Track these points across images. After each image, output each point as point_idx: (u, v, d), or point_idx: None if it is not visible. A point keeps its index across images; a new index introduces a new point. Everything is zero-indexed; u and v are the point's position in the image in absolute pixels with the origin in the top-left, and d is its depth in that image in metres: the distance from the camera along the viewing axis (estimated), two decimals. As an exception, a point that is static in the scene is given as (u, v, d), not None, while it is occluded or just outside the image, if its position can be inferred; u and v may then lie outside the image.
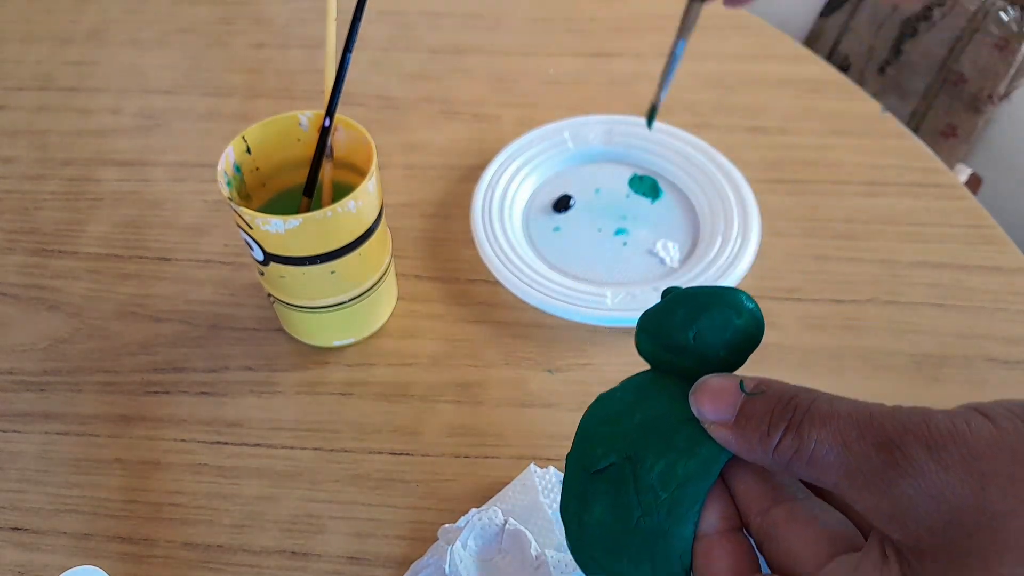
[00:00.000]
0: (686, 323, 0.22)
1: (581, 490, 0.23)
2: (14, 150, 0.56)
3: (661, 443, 0.22)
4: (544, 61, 0.62)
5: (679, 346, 0.22)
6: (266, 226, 0.35)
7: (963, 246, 0.48)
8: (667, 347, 0.23)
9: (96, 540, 0.37)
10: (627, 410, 0.23)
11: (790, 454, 0.18)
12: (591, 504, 0.23)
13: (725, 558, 0.19)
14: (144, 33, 0.66)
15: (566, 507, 0.24)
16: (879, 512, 0.16)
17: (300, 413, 0.41)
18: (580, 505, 0.23)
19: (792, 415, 0.18)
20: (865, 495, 0.16)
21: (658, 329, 0.23)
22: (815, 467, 0.17)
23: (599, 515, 0.22)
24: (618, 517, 0.22)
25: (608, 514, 0.22)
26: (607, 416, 0.24)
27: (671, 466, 0.21)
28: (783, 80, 0.59)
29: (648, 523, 0.21)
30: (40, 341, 0.45)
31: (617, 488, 0.22)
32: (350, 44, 0.37)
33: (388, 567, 0.36)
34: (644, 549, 0.21)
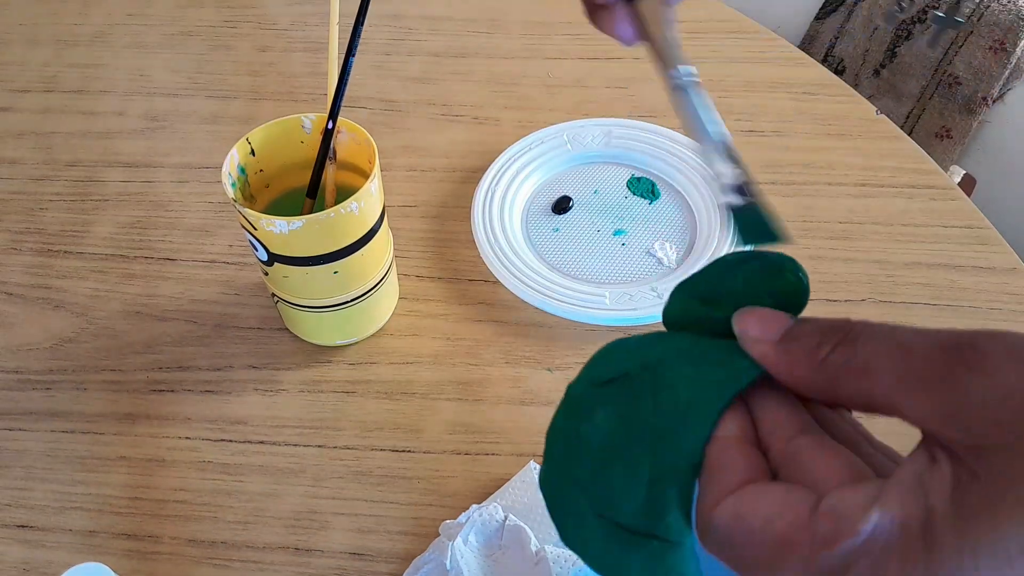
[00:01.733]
0: (737, 265, 0.21)
1: (582, 404, 0.22)
2: (20, 152, 0.57)
3: (690, 355, 0.20)
4: (544, 64, 0.62)
5: (723, 292, 0.21)
6: (270, 227, 0.36)
7: (957, 247, 0.48)
8: (707, 297, 0.21)
9: (101, 537, 0.37)
10: (650, 340, 0.22)
11: (839, 364, 0.17)
12: (594, 412, 0.21)
13: (740, 460, 0.18)
14: (149, 36, 0.66)
15: (556, 427, 0.22)
16: (937, 413, 0.15)
17: (303, 411, 0.42)
18: (578, 418, 0.21)
19: (846, 331, 0.17)
20: (922, 397, 0.16)
21: (702, 278, 0.22)
22: (866, 376, 0.17)
23: (602, 421, 0.21)
24: (625, 420, 0.20)
25: (613, 419, 0.20)
26: (624, 345, 0.22)
27: (698, 371, 0.19)
28: (778, 82, 0.60)
29: (660, 421, 0.19)
30: (46, 340, 0.45)
31: (629, 395, 0.20)
32: (353, 48, 0.38)
33: (390, 563, 0.36)
34: (647, 449, 0.19)
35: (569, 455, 0.21)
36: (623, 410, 0.20)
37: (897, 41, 0.80)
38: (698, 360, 0.20)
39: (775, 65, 0.61)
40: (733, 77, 0.60)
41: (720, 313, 0.21)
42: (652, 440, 0.19)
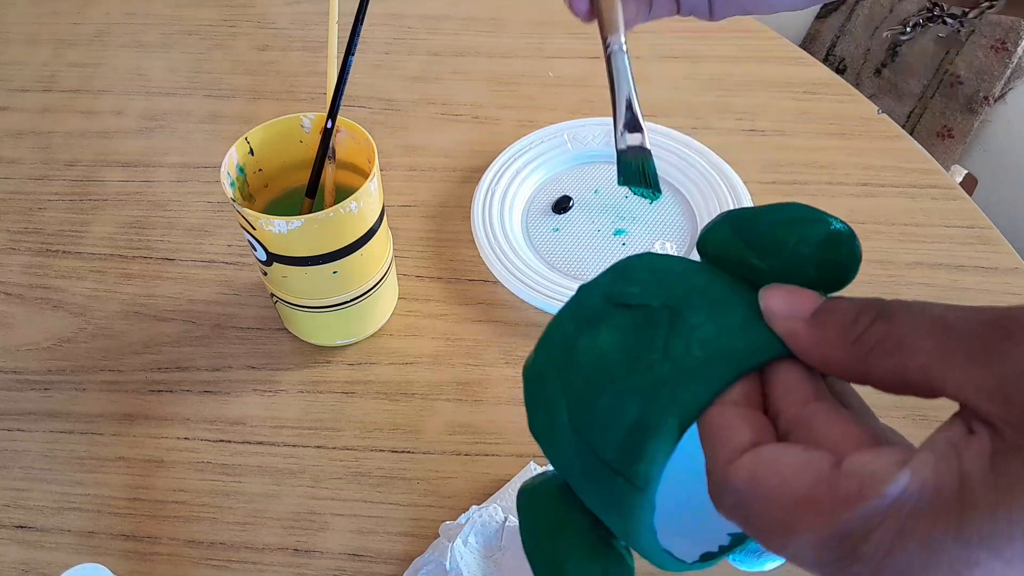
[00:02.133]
0: (795, 224, 0.20)
1: (592, 315, 0.21)
2: (18, 151, 0.57)
3: (714, 310, 0.19)
4: (544, 64, 0.62)
5: (772, 244, 0.20)
6: (269, 227, 0.36)
7: (959, 246, 0.48)
8: (754, 242, 0.20)
9: (100, 538, 0.37)
10: (680, 270, 0.21)
11: (874, 340, 0.16)
12: (600, 329, 0.20)
13: (748, 423, 0.17)
14: (147, 35, 0.66)
15: (557, 328, 0.21)
16: (979, 386, 0.15)
17: (302, 411, 0.42)
18: (582, 328, 0.20)
19: (881, 308, 0.17)
20: (962, 370, 0.15)
21: (755, 220, 0.20)
22: (902, 351, 0.16)
23: (605, 342, 0.20)
24: (628, 354, 0.19)
25: (617, 346, 0.19)
26: (653, 265, 0.21)
27: (719, 333, 0.19)
28: (780, 82, 0.59)
29: (663, 370, 0.18)
30: (44, 340, 0.45)
31: (642, 329, 0.19)
32: (352, 47, 0.38)
33: (389, 564, 0.36)
34: (641, 392, 0.18)
35: (562, 359, 0.21)
36: (630, 343, 0.19)
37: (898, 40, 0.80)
38: (722, 316, 0.19)
39: (776, 64, 0.61)
40: (734, 76, 0.60)
41: (760, 263, 0.20)
42: (650, 385, 0.18)
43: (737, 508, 0.17)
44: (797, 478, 0.16)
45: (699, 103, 0.58)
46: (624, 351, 0.19)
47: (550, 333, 0.22)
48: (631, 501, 0.19)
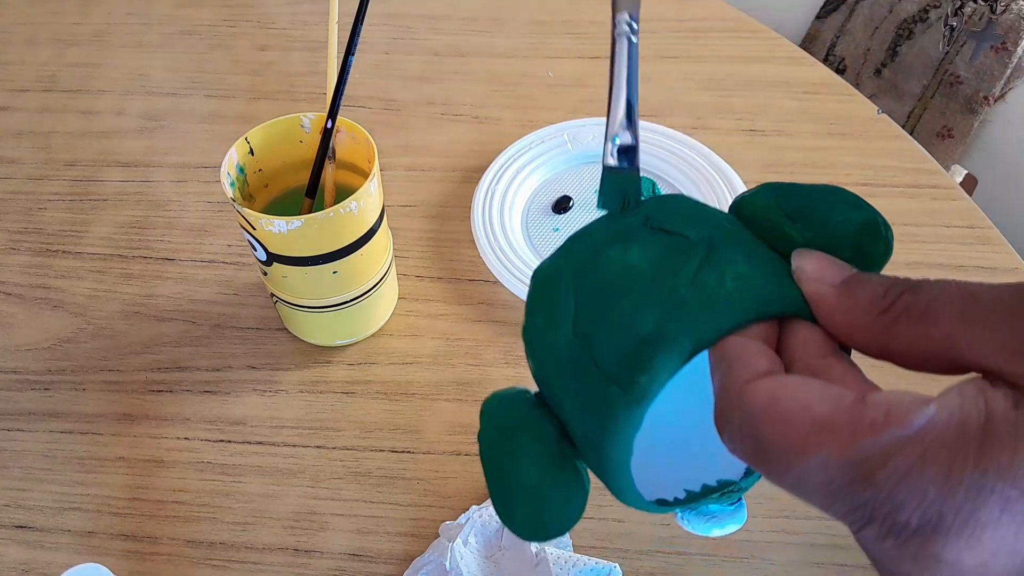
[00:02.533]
0: (840, 204, 0.20)
1: (627, 231, 0.21)
2: (18, 151, 0.57)
3: (750, 255, 0.19)
4: (544, 64, 0.62)
5: (812, 219, 0.20)
6: (269, 227, 0.36)
7: (959, 247, 0.48)
8: (795, 213, 0.20)
9: (100, 538, 0.37)
10: (720, 218, 0.21)
11: (900, 309, 0.17)
12: (633, 245, 0.20)
13: (765, 355, 0.18)
14: (147, 35, 0.66)
15: (585, 236, 0.21)
16: (1004, 348, 0.15)
17: (302, 411, 0.42)
18: (615, 240, 0.20)
19: (911, 283, 0.17)
20: (987, 334, 0.16)
21: (800, 192, 0.21)
22: (927, 318, 0.16)
23: (635, 256, 0.20)
24: (659, 269, 0.19)
25: (647, 261, 0.19)
26: (693, 206, 0.21)
27: (752, 272, 0.19)
28: (780, 82, 0.59)
29: (689, 293, 0.18)
30: (44, 340, 0.45)
31: (677, 252, 0.19)
32: (352, 47, 0.38)
33: (389, 564, 0.36)
34: (662, 306, 0.18)
35: (584, 264, 0.20)
36: (662, 262, 0.19)
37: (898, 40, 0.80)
38: (756, 262, 0.19)
39: (776, 64, 0.61)
40: (734, 76, 0.60)
41: (796, 233, 0.20)
42: (672, 302, 0.18)
43: (746, 427, 0.17)
44: (819, 403, 0.16)
45: (699, 103, 0.58)
46: (654, 267, 0.19)
47: (577, 239, 0.21)
48: (619, 412, 0.18)
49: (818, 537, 0.36)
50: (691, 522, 0.23)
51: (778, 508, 0.37)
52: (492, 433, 0.22)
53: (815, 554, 0.36)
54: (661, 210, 0.21)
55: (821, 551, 0.36)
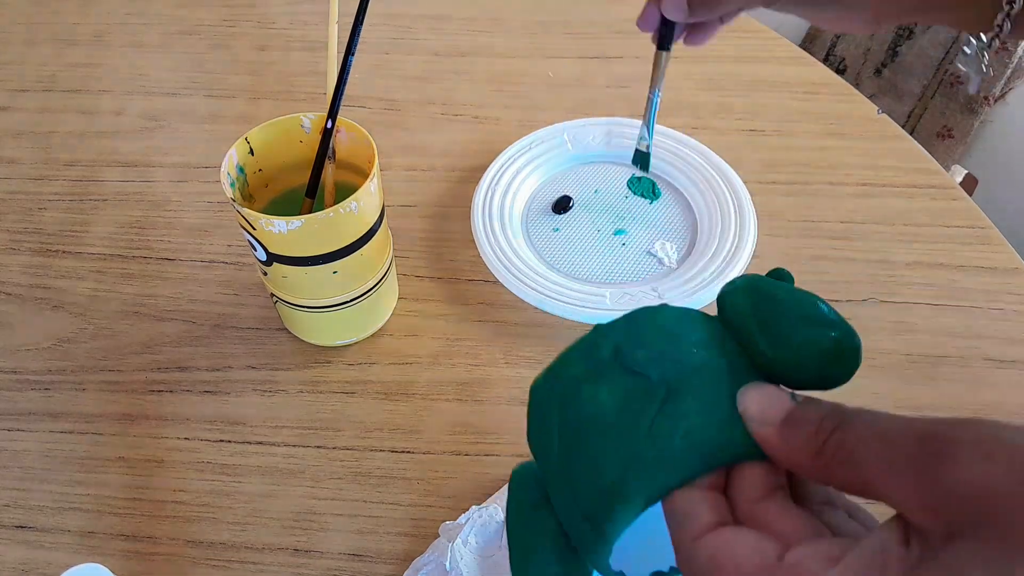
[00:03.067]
0: (810, 326, 0.21)
1: (599, 367, 0.22)
2: (18, 151, 0.57)
3: (706, 398, 0.21)
4: (544, 64, 0.62)
5: (783, 338, 0.21)
6: (269, 227, 0.36)
7: (958, 246, 0.48)
8: (767, 328, 0.22)
9: (100, 538, 0.37)
10: (691, 339, 0.22)
11: (831, 453, 0.19)
12: (602, 384, 0.22)
13: (711, 508, 0.20)
14: (147, 35, 0.66)
15: (567, 365, 0.23)
16: (914, 500, 0.17)
17: (302, 412, 0.41)
18: (589, 376, 0.22)
19: (840, 418, 0.19)
20: (901, 485, 0.17)
21: (774, 307, 0.22)
22: (855, 465, 0.18)
23: (604, 398, 0.22)
24: (621, 416, 0.21)
25: (613, 405, 0.21)
26: (666, 327, 0.23)
27: (704, 425, 0.20)
28: (780, 82, 0.59)
29: (645, 447, 0.20)
30: (44, 340, 0.45)
31: (638, 398, 0.21)
32: (352, 47, 0.38)
33: (389, 564, 0.36)
34: (623, 459, 0.20)
35: (565, 397, 0.23)
36: (624, 408, 0.21)
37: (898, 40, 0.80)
38: (711, 407, 0.21)
39: (776, 64, 0.61)
40: (734, 76, 0.60)
41: (767, 349, 0.22)
42: (631, 457, 0.21)
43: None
44: (748, 563, 0.18)
45: (699, 103, 0.58)
46: (617, 413, 0.21)
47: (560, 367, 0.24)
48: (590, 546, 0.21)
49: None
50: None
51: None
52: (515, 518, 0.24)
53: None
54: (632, 338, 0.23)
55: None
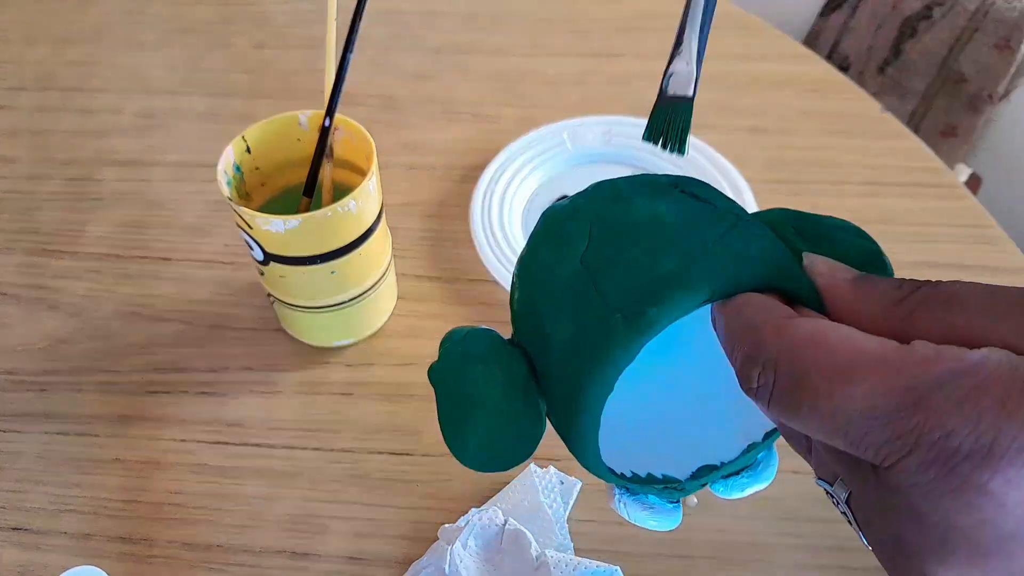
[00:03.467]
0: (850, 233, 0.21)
1: (656, 188, 0.21)
2: (15, 150, 0.56)
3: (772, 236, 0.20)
4: (544, 62, 0.62)
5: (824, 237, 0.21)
6: (266, 226, 0.35)
7: (963, 246, 0.48)
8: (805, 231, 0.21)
9: (96, 540, 0.37)
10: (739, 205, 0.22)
11: (920, 298, 0.17)
12: (661, 199, 0.20)
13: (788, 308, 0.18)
14: (145, 34, 0.66)
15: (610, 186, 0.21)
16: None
17: (300, 413, 0.41)
18: (643, 192, 0.20)
19: (926, 281, 0.17)
20: (1013, 320, 0.16)
21: (813, 217, 0.21)
22: (950, 305, 0.16)
23: (663, 209, 0.20)
24: (685, 223, 0.19)
25: (675, 214, 0.19)
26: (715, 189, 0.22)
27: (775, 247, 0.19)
28: (783, 80, 0.59)
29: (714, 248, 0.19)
30: (40, 341, 0.45)
31: (705, 214, 0.20)
32: (350, 44, 0.37)
33: (388, 567, 0.36)
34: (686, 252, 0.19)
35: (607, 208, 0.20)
36: (690, 218, 0.19)
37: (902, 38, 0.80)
38: (778, 242, 0.20)
39: (780, 62, 0.61)
40: (737, 74, 0.60)
41: (805, 247, 0.20)
42: (698, 251, 0.19)
43: (785, 356, 0.17)
44: (866, 339, 0.16)
45: (702, 101, 0.57)
46: (682, 220, 0.19)
47: (601, 186, 0.21)
48: (618, 339, 0.18)
49: (823, 539, 0.36)
50: (628, 506, 0.23)
51: (782, 511, 0.37)
52: (454, 360, 0.22)
53: (820, 557, 0.35)
54: (691, 182, 0.21)
55: (825, 554, 0.35)
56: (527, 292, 0.21)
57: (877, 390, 0.15)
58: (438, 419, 0.21)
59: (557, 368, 0.20)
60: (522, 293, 0.21)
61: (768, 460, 0.23)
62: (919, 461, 0.15)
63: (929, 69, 0.78)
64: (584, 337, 0.19)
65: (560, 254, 0.20)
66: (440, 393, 0.22)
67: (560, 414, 0.21)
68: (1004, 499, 0.14)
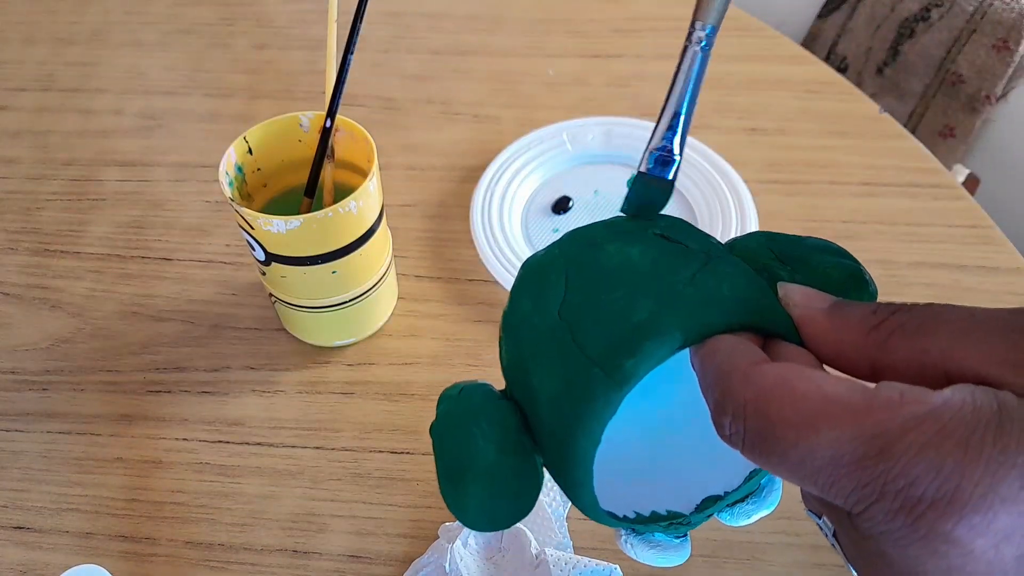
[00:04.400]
0: (831, 254, 0.21)
1: (629, 231, 0.21)
2: (16, 151, 0.56)
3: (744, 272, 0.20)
4: (544, 62, 0.62)
5: (805, 261, 0.21)
6: (267, 226, 0.36)
7: (961, 246, 0.48)
8: (786, 255, 0.21)
9: (98, 539, 0.37)
10: (713, 241, 0.21)
11: (894, 326, 0.17)
12: (635, 244, 0.20)
13: (757, 349, 0.18)
14: (146, 34, 0.66)
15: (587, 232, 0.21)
16: (1001, 360, 0.16)
17: (301, 412, 0.41)
18: (617, 237, 0.20)
19: (900, 305, 0.17)
20: (986, 347, 0.16)
21: (792, 239, 0.21)
22: (923, 332, 0.16)
23: (636, 253, 0.20)
24: (657, 266, 0.19)
25: (648, 258, 0.20)
26: (689, 226, 0.22)
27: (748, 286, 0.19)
28: (781, 81, 0.59)
29: (686, 291, 0.19)
30: (42, 341, 0.45)
31: (676, 256, 0.20)
32: (351, 45, 0.38)
33: (389, 565, 0.36)
34: (658, 297, 0.19)
35: (582, 255, 0.20)
36: (661, 261, 0.20)
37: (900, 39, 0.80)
38: (751, 281, 0.20)
39: (777, 63, 0.61)
40: (735, 75, 0.60)
41: (787, 276, 0.21)
42: (669, 296, 0.19)
43: (753, 405, 0.17)
44: (831, 385, 0.16)
45: (700, 102, 0.58)
46: (653, 264, 0.20)
47: (575, 234, 0.22)
48: (598, 394, 0.18)
49: (819, 539, 0.36)
50: (635, 547, 0.23)
51: (780, 510, 0.37)
52: (451, 417, 0.21)
53: (817, 555, 0.36)
54: (663, 223, 0.22)
55: (823, 553, 0.36)
56: (512, 346, 0.21)
57: (842, 439, 0.15)
58: (437, 479, 0.21)
59: (546, 422, 0.20)
60: (508, 347, 0.22)
61: (772, 485, 0.23)
62: (885, 510, 0.15)
63: (927, 70, 0.78)
64: (567, 391, 0.19)
65: (538, 305, 0.21)
66: (437, 453, 0.21)
67: (554, 466, 0.21)
68: (971, 546, 0.14)
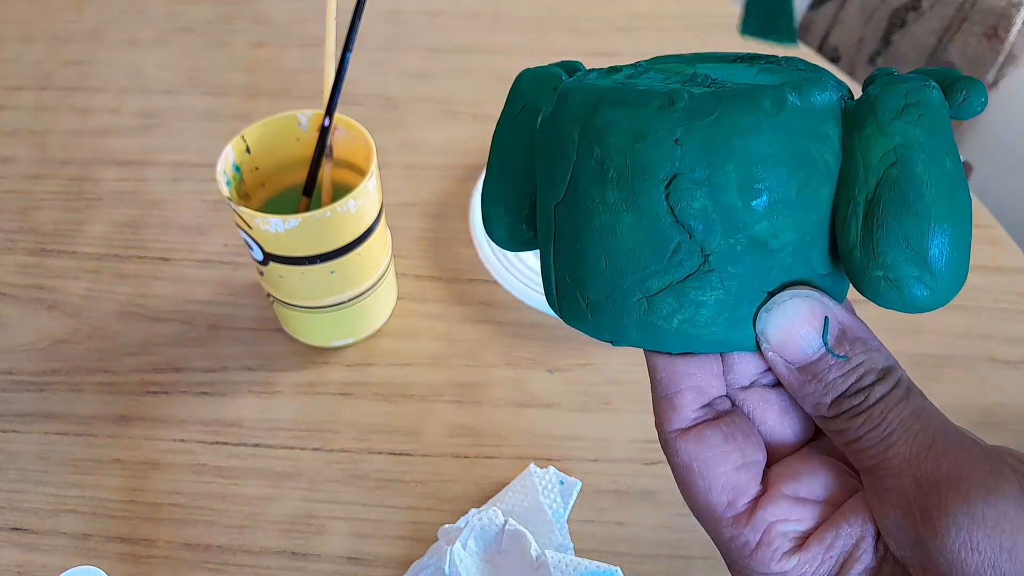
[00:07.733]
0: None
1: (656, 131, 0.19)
2: (13, 150, 0.56)
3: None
4: (544, 60, 0.61)
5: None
6: (265, 226, 0.35)
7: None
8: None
9: (95, 540, 0.37)
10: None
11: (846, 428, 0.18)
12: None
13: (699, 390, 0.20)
14: (143, 33, 0.65)
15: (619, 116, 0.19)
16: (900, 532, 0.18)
17: (300, 413, 0.41)
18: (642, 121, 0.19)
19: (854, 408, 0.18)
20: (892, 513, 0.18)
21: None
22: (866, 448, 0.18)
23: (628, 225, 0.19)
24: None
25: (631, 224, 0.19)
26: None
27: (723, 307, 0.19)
28: (782, 79, 0.59)
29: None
30: (39, 341, 0.45)
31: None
32: (350, 43, 0.37)
33: (388, 567, 0.36)
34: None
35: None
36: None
37: (891, 29, 0.80)
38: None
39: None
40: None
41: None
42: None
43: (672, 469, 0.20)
44: (718, 492, 0.19)
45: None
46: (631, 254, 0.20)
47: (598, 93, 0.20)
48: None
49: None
50: None
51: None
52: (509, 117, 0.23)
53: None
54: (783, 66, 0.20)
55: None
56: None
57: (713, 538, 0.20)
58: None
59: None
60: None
61: None
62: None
63: (919, 59, 0.78)
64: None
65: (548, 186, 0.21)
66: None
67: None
68: None
